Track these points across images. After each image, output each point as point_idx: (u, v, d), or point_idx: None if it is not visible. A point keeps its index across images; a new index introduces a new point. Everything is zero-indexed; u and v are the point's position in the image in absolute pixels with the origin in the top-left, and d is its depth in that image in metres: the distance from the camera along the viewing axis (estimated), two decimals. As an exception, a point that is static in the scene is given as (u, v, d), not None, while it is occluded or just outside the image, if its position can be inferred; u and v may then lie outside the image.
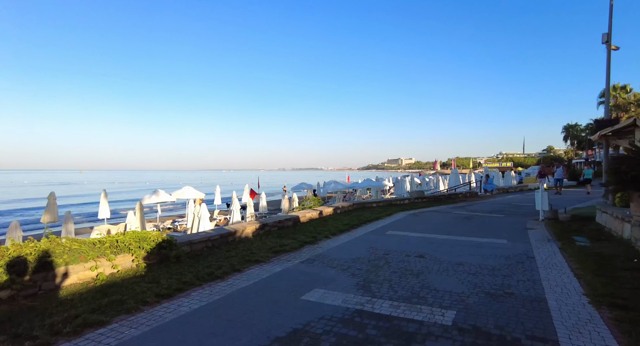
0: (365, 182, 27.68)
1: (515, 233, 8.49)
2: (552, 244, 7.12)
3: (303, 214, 9.88)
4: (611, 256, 5.85)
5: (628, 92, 48.46)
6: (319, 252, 6.49)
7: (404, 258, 6.01)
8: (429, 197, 16.97)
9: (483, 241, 7.48)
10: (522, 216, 11.50)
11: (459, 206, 14.58)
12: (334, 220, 10.24)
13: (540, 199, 10.26)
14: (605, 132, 10.35)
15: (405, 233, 8.39)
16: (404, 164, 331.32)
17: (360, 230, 8.88)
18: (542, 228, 9.07)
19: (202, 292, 4.40)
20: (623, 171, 6.03)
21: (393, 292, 4.35)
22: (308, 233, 8.14)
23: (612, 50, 11.63)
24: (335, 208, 11.73)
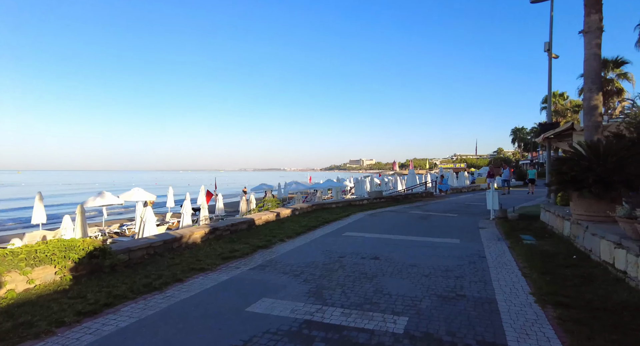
0: (326, 182, 27.64)
1: (467, 232, 8.69)
2: (501, 243, 7.33)
3: (259, 216, 9.48)
4: (554, 254, 6.08)
5: (565, 99, 52.80)
6: (272, 257, 6.16)
7: (359, 261, 5.85)
8: (387, 197, 17.19)
9: (437, 241, 7.55)
10: (474, 215, 11.91)
11: (415, 206, 14.87)
12: (292, 222, 9.95)
13: (491, 199, 10.65)
14: (548, 135, 10.98)
15: (362, 234, 8.29)
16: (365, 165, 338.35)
17: (317, 232, 8.66)
18: (493, 227, 9.39)
19: (135, 307, 3.92)
20: (564, 172, 6.31)
21: (345, 298, 4.14)
22: (263, 237, 7.78)
23: (553, 59, 12.40)
24: (294, 209, 11.44)
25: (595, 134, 9.23)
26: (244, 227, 8.66)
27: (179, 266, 5.49)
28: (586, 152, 6.32)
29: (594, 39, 9.38)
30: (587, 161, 6.14)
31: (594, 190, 5.97)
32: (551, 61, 12.27)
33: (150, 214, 11.56)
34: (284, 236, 7.90)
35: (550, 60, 12.27)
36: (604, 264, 5.18)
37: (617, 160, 5.98)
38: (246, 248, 6.64)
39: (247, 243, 7.09)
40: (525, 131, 76.14)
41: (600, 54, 9.42)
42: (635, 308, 3.69)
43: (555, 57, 12.36)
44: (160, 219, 22.22)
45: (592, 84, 9.37)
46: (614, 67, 37.65)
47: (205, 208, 16.19)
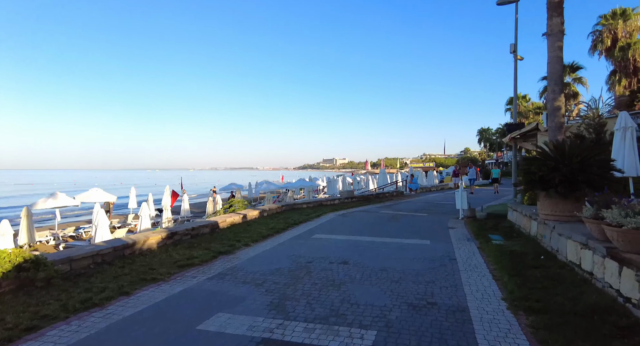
0: (298, 182, 27.26)
1: (437, 232, 8.62)
2: (471, 243, 7.27)
3: (223, 219, 8.97)
4: (522, 254, 6.05)
5: (527, 101, 55.34)
6: (234, 264, 5.72)
7: (327, 266, 5.54)
8: (358, 197, 17.07)
9: (407, 242, 7.39)
10: (444, 214, 11.95)
11: (386, 206, 14.81)
12: (259, 224, 9.50)
13: (460, 198, 10.70)
14: (514, 135, 11.18)
15: (331, 236, 8.00)
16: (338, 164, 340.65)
17: (285, 235, 8.27)
18: (462, 227, 9.40)
19: (65, 329, 3.39)
20: (532, 172, 6.30)
21: (310, 310, 3.81)
22: (226, 241, 7.30)
23: (518, 60, 12.68)
24: (262, 210, 10.98)
25: (558, 135, 9.46)
26: (206, 231, 8.13)
27: (127, 276, 4.94)
28: (552, 153, 6.35)
29: (556, 41, 9.60)
30: (554, 161, 6.16)
31: (560, 190, 5.99)
32: (517, 63, 12.55)
33: (103, 217, 10.71)
34: (250, 240, 7.46)
35: (516, 62, 12.54)
36: (571, 265, 5.17)
37: (581, 160, 6.03)
38: (206, 254, 6.15)
39: (208, 249, 6.60)
40: (490, 132, 79.12)
41: (562, 57, 9.66)
42: (605, 311, 3.60)
43: (521, 58, 12.66)
44: (122, 221, 20.98)
45: (555, 85, 9.60)
46: (570, 71, 39.77)
47: (169, 209, 15.32)
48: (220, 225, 8.71)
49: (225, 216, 9.47)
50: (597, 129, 9.68)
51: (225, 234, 8.14)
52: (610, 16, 34.45)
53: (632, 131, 7.09)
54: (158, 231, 7.15)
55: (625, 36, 33.76)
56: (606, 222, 4.14)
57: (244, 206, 11.33)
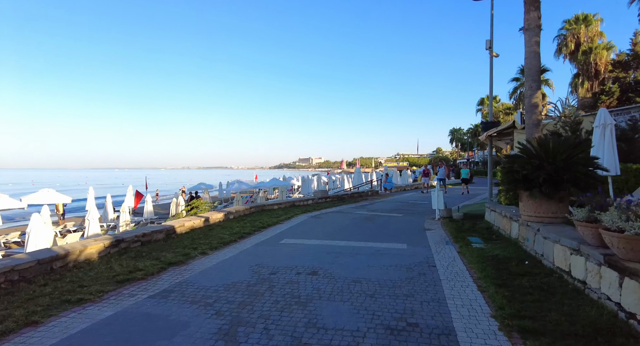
0: (271, 181, 26.37)
1: (414, 235, 8.12)
2: (450, 247, 6.79)
3: (181, 223, 8.06)
4: (505, 259, 5.61)
5: (497, 102, 56.91)
6: (184, 278, 4.91)
7: (293, 278, 4.85)
8: (332, 197, 16.48)
9: (383, 246, 6.82)
10: (419, 214, 11.54)
11: (360, 206, 14.29)
12: (223, 228, 8.66)
13: (436, 198, 10.30)
14: (491, 133, 10.90)
15: (302, 241, 7.31)
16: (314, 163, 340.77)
17: (250, 240, 7.50)
18: (439, 228, 8.97)
19: None
20: (515, 170, 5.88)
21: (267, 339, 3.10)
22: (181, 249, 6.44)
23: (493, 57, 12.47)
24: (228, 213, 10.12)
25: (536, 132, 9.21)
26: (160, 237, 7.22)
27: (46, 297, 4.04)
28: (536, 150, 5.95)
29: (533, 36, 9.35)
30: (538, 159, 5.76)
31: (544, 189, 5.59)
32: (492, 60, 12.32)
33: (37, 223, 9.47)
34: (208, 247, 6.63)
35: (492, 58, 12.32)
36: (559, 272, 4.74)
37: (566, 158, 5.66)
38: (154, 266, 5.30)
39: (158, 259, 5.74)
40: (462, 132, 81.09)
41: (539, 52, 9.41)
42: (608, 331, 3.12)
43: (496, 55, 12.45)
44: (78, 224, 19.37)
45: (533, 81, 9.35)
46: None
47: (127, 211, 14.07)
48: (177, 230, 7.81)
49: (184, 219, 8.56)
50: (573, 127, 9.53)
51: (182, 240, 7.27)
52: (573, 21, 35.73)
53: (612, 128, 6.83)
54: (101, 238, 6.19)
55: (587, 41, 35.13)
56: (604, 226, 3.68)
57: (208, 208, 10.41)
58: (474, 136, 66.51)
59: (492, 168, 12.66)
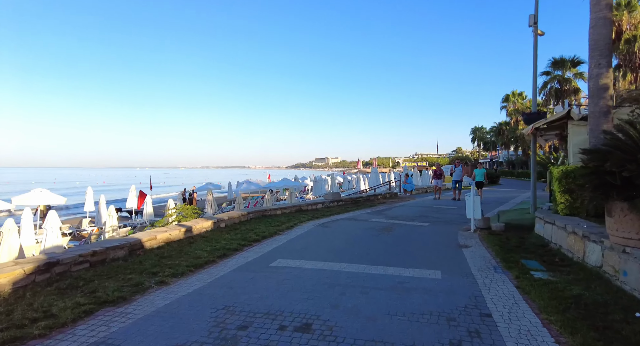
0: (281, 181, 24.79)
1: (448, 254, 6.25)
2: (502, 277, 4.91)
3: (152, 235, 6.46)
4: (598, 306, 3.71)
5: (524, 98, 53.60)
6: (108, 333, 3.24)
7: (272, 338, 3.12)
8: (346, 200, 14.67)
9: (408, 274, 5.00)
10: (449, 224, 9.62)
11: (377, 211, 12.44)
12: (206, 242, 7.03)
13: (472, 205, 8.36)
14: (539, 124, 8.86)
15: (299, 263, 5.57)
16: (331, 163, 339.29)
17: (233, 261, 5.82)
18: (478, 244, 7.06)
19: None
20: (608, 171, 3.95)
21: None
22: (136, 275, 4.82)
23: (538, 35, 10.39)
24: (218, 220, 8.49)
25: (604, 123, 7.09)
26: (119, 254, 5.63)
27: None
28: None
29: (602, -3, 7.29)
30: (645, 155, 3.83)
31: (659, 201, 3.67)
32: (537, 38, 10.25)
33: (10, 227, 8.10)
34: (172, 272, 4.98)
35: (536, 36, 10.25)
36: None
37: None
38: (77, 308, 3.66)
39: (94, 293, 4.11)
40: (484, 130, 77.45)
41: (611, 19, 7.31)
42: None
43: (541, 33, 10.37)
44: (74, 226, 18.28)
45: (601, 57, 7.25)
46: (571, 66, 37.98)
47: (114, 215, 12.65)
48: (145, 244, 6.21)
49: (157, 230, 6.95)
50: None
51: (148, 259, 5.65)
52: (614, 7, 32.59)
53: None
54: (25, 261, 4.62)
55: (630, 29, 31.94)
56: None
57: (193, 214, 8.80)
58: (497, 135, 63.16)
59: (535, 168, 10.58)
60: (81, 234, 17.09)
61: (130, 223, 19.54)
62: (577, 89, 37.17)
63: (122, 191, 39.75)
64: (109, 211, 12.38)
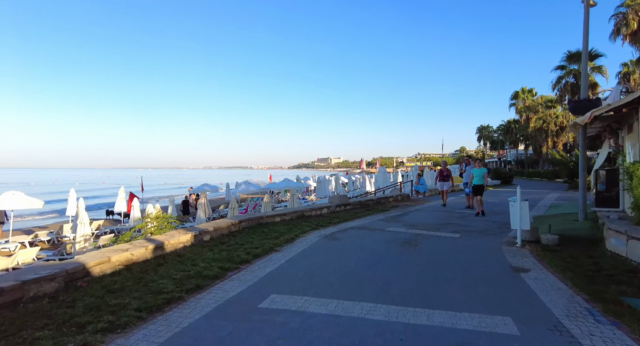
0: (282, 182, 23.09)
1: (507, 285, 4.54)
2: (617, 335, 3.19)
3: (104, 258, 4.78)
4: None
5: (534, 95, 51.67)
6: None
7: None
8: (354, 203, 12.96)
9: (467, 327, 3.30)
10: (484, 235, 7.90)
11: (392, 217, 10.73)
12: (181, 263, 5.36)
13: (519, 213, 6.63)
14: (601, 111, 7.12)
15: (302, 304, 3.87)
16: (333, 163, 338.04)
17: (208, 298, 4.13)
18: (538, 267, 5.33)
19: None
20: None
21: None
22: (51, 330, 3.16)
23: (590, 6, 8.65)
24: (201, 232, 6.81)
25: None
26: (46, 290, 3.96)
27: None
28: None
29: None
30: None
31: None
32: (588, 10, 8.52)
33: None
34: (113, 321, 3.31)
35: (587, 9, 8.52)
36: None
37: None
38: None
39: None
40: (491, 129, 75.45)
41: None
42: None
43: (594, 4, 8.63)
44: (53, 232, 16.66)
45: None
46: (589, 60, 36.09)
47: (86, 223, 10.92)
48: (93, 270, 4.55)
49: (115, 249, 5.26)
50: None
51: (89, 295, 3.99)
52: (636, -4, 30.69)
53: None
54: None
55: (654, 19, 30.05)
56: None
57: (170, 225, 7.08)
58: (506, 133, 61.20)
59: (584, 166, 8.84)
60: (62, 240, 15.49)
61: (119, 227, 17.94)
62: (594, 83, 35.24)
63: (118, 192, 38.19)
64: (81, 218, 10.72)
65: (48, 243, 15.54)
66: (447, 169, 14.04)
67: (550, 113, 44.61)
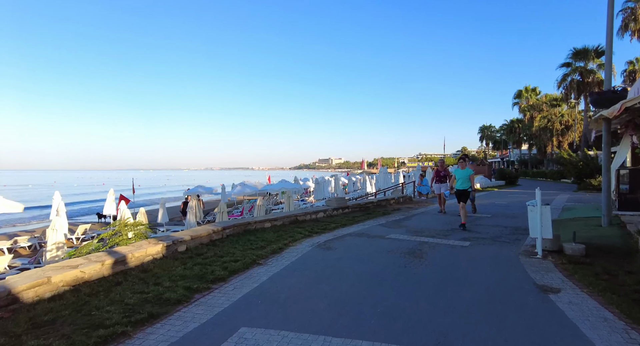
0: (279, 183, 22.21)
1: (538, 314, 3.66)
2: None
3: (43, 278, 3.90)
4: None
5: (538, 94, 50.76)
6: None
7: None
8: (352, 206, 12.09)
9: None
10: (497, 243, 7.02)
11: (394, 221, 9.85)
12: (142, 282, 4.50)
13: (539, 220, 5.75)
14: (634, 102, 6.24)
15: (276, 344, 3.01)
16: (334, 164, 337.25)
17: (161, 333, 3.27)
18: (570, 286, 4.44)
19: None
20: None
21: None
22: None
23: None
24: (175, 242, 5.95)
25: None
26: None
27: None
28: None
29: None
30: None
31: None
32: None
33: None
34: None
35: (610, -11, 7.65)
36: None
37: None
38: None
39: None
40: (493, 129, 74.52)
41: None
42: None
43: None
44: (37, 237, 15.82)
45: None
46: (595, 57, 35.12)
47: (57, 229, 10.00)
48: (23, 296, 3.68)
49: (62, 265, 4.36)
50: None
51: (4, 332, 3.13)
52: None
53: None
54: None
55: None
56: None
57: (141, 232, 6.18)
58: (509, 133, 60.24)
59: (607, 166, 7.95)
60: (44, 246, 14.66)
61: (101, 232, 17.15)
62: (601, 81, 34.31)
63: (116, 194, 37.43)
64: (54, 223, 9.82)
65: (29, 249, 14.73)
66: (445, 168, 12.45)
67: (555, 112, 43.66)
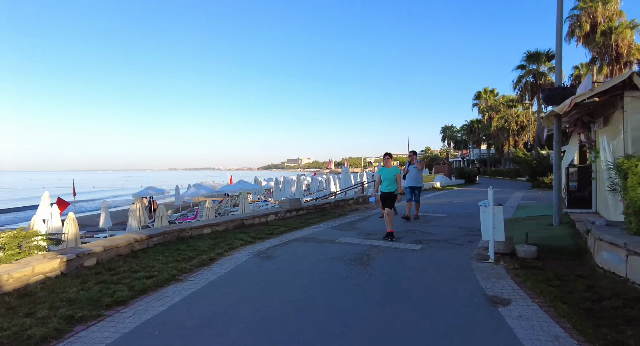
0: (237, 184, 21.19)
1: (486, 334, 3.18)
2: None
3: None
4: None
5: (496, 95, 52.84)
6: None
7: None
8: (308, 208, 11.47)
9: None
10: (450, 246, 6.64)
11: (348, 223, 9.34)
12: (11, 312, 3.58)
13: (491, 222, 5.38)
14: (582, 98, 6.04)
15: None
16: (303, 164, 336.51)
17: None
18: (520, 296, 4.03)
19: None
20: None
21: None
22: None
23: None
24: (81, 255, 4.99)
25: None
26: None
27: None
28: None
29: None
30: None
31: None
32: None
33: None
34: None
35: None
36: None
37: None
38: None
39: None
40: (455, 129, 76.97)
41: None
42: None
43: (566, -20, 7.69)
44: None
45: None
46: (546, 60, 36.87)
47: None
48: None
49: None
50: None
51: None
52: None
53: None
54: None
55: (604, 21, 31.03)
56: None
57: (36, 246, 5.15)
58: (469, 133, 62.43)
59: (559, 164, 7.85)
60: None
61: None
62: (552, 84, 36.16)
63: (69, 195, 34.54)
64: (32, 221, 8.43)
65: None
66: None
67: (512, 112, 45.60)
